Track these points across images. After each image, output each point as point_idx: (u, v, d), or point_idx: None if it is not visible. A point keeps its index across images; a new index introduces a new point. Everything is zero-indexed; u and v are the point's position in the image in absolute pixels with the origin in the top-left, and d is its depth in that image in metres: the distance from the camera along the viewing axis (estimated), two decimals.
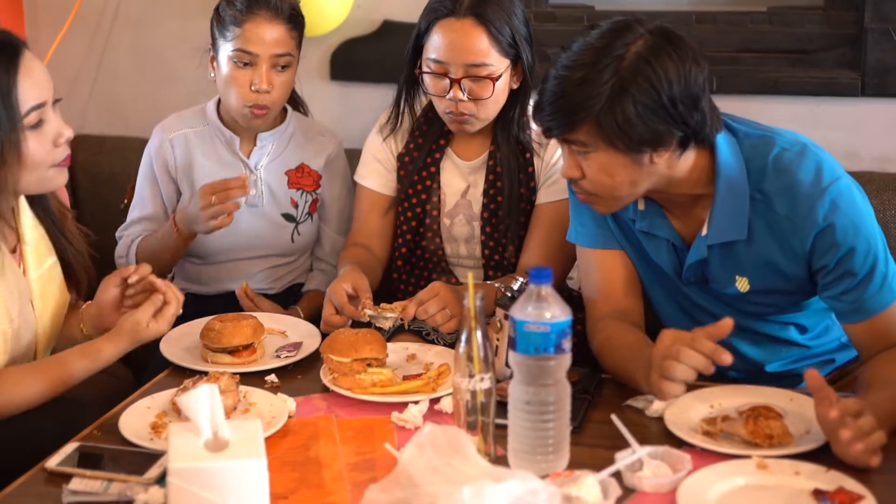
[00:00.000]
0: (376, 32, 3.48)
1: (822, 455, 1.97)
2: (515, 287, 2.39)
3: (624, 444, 2.01)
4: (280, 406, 2.24)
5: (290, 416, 2.23)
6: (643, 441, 2.02)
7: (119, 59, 3.79)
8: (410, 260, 2.92)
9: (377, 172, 2.90)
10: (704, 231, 2.29)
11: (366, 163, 2.93)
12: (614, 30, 2.17)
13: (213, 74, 2.93)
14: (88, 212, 3.69)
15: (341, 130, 3.21)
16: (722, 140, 2.24)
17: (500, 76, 2.65)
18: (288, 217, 3.03)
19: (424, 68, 2.70)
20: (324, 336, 2.49)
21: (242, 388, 2.30)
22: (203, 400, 1.97)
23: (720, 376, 2.24)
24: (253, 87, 2.83)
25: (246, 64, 2.83)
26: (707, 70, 2.17)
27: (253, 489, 1.90)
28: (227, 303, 2.90)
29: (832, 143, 3.20)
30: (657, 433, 2.12)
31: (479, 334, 1.98)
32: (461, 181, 2.85)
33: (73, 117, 3.75)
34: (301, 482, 2.00)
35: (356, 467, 2.05)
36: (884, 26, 3.12)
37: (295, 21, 2.88)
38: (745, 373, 2.42)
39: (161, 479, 1.95)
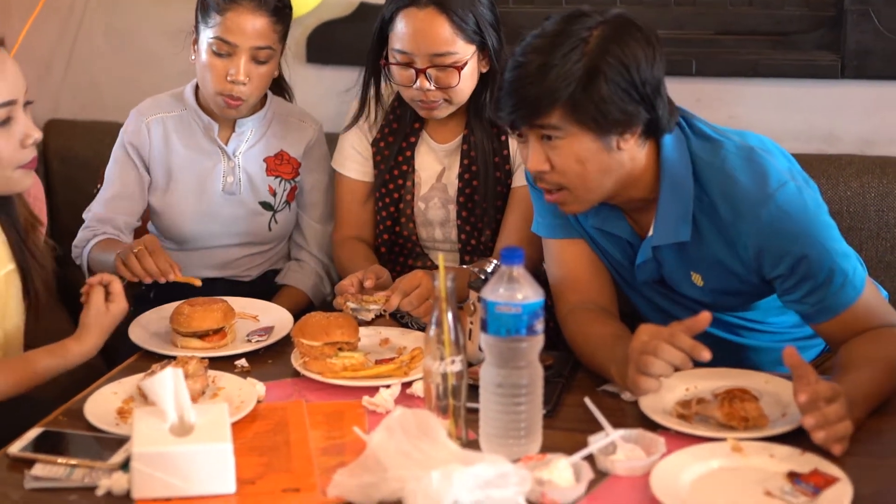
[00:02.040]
0: (353, 14, 3.44)
1: (798, 437, 1.94)
2: (489, 269, 2.36)
3: (598, 428, 1.98)
4: (249, 390, 2.20)
5: (259, 401, 2.20)
6: (618, 425, 1.99)
7: (93, 42, 3.74)
8: (388, 244, 2.88)
9: (356, 161, 2.87)
10: (651, 232, 2.26)
11: (342, 151, 2.89)
12: (569, 18, 2.14)
13: (193, 57, 2.87)
14: (62, 197, 3.66)
15: (318, 114, 3.17)
16: (669, 140, 2.21)
17: (465, 64, 2.62)
18: (265, 205, 2.98)
19: (390, 59, 2.67)
20: (297, 320, 2.45)
21: (211, 372, 2.27)
22: (167, 384, 1.94)
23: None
24: (229, 78, 2.76)
25: (223, 52, 2.77)
26: (664, 57, 2.16)
27: (219, 474, 1.88)
28: (202, 289, 2.85)
29: (812, 126, 3.21)
30: (632, 417, 2.09)
31: (449, 316, 1.95)
32: (436, 164, 2.82)
33: (46, 102, 3.75)
34: (269, 467, 1.97)
35: (325, 452, 2.01)
36: (863, 7, 3.09)
37: (280, 14, 2.81)
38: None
39: (125, 465, 1.91)
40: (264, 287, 3.01)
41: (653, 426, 2.03)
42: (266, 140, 2.97)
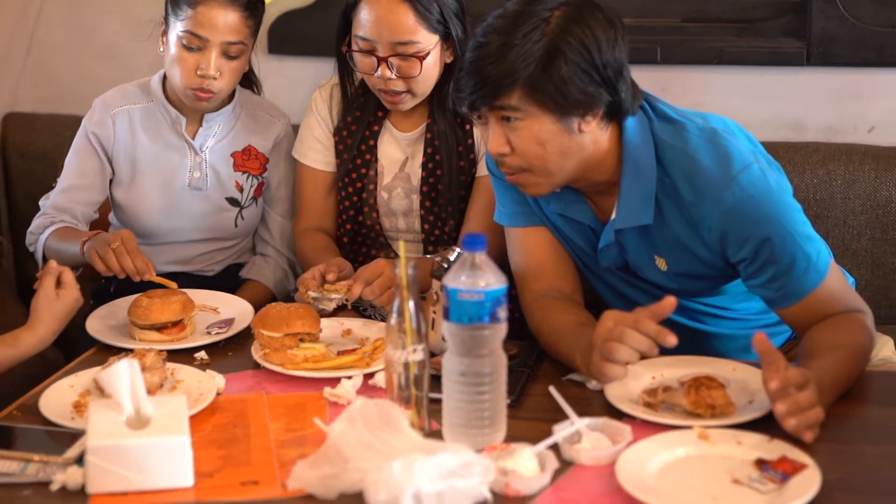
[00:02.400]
0: (314, 4, 3.39)
1: (765, 424, 1.92)
2: (452, 258, 2.31)
3: (563, 417, 1.95)
4: (208, 383, 2.17)
5: (218, 393, 2.16)
6: (583, 414, 1.96)
7: (52, 33, 3.67)
8: (351, 234, 2.84)
9: (316, 150, 2.83)
10: (613, 215, 2.24)
11: (304, 140, 2.85)
12: (528, 1, 2.12)
13: (161, 49, 2.81)
14: (21, 191, 3.60)
15: (280, 105, 3.12)
16: (632, 122, 2.19)
17: (428, 53, 2.59)
18: (232, 201, 2.93)
19: (353, 45, 2.63)
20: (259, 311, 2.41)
21: (170, 365, 2.23)
22: (123, 376, 1.91)
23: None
24: (199, 72, 2.70)
25: (194, 45, 2.71)
26: (628, 43, 2.14)
27: (176, 467, 1.84)
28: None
29: (778, 114, 3.19)
30: (598, 406, 2.06)
31: (411, 304, 1.91)
32: (399, 153, 2.78)
33: (4, 94, 3.69)
34: (227, 460, 1.93)
35: (286, 444, 1.98)
36: None
37: (252, 8, 2.75)
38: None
39: (81, 459, 1.87)
40: (227, 281, 2.95)
41: (619, 415, 2.00)
42: (234, 135, 2.92)
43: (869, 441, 1.94)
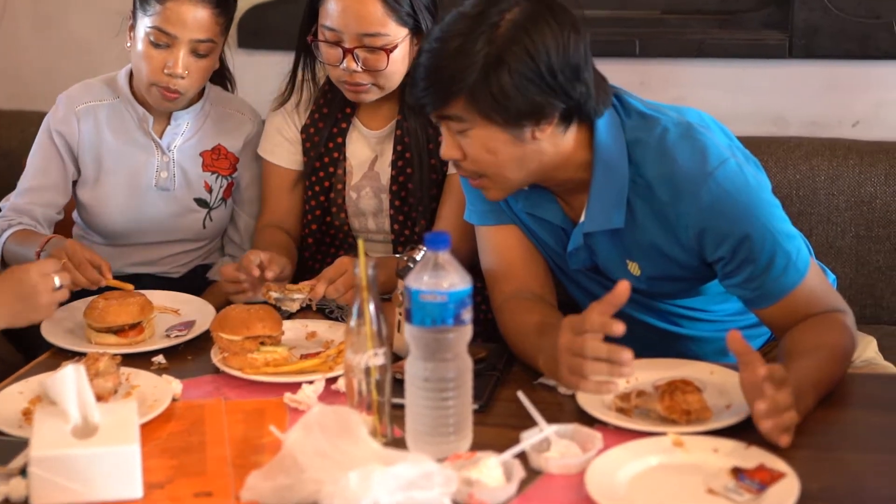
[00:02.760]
0: None
1: (743, 431, 1.84)
2: (418, 257, 2.23)
3: (532, 424, 1.88)
4: (164, 388, 2.08)
5: (175, 399, 2.07)
6: (554, 420, 1.88)
7: (19, 27, 3.60)
8: (317, 235, 2.75)
9: (283, 147, 2.73)
10: (582, 217, 2.15)
11: (270, 137, 2.75)
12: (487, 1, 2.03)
13: (129, 44, 2.72)
14: None
15: (250, 101, 3.03)
16: (603, 120, 2.10)
17: (396, 47, 2.49)
18: (200, 202, 2.83)
19: (319, 35, 2.54)
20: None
21: (126, 370, 2.14)
22: (69, 382, 1.82)
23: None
24: (166, 70, 2.61)
25: (162, 42, 2.61)
26: (588, 39, 2.04)
27: (124, 478, 1.76)
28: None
29: (760, 108, 3.13)
30: (570, 412, 1.98)
31: (371, 306, 1.83)
32: (368, 151, 2.69)
33: None
34: (180, 469, 1.84)
35: (243, 453, 1.89)
36: None
37: (223, 5, 2.66)
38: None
39: (25, 470, 1.78)
40: (194, 282, 2.86)
41: (590, 421, 1.92)
42: (203, 134, 2.82)
43: (851, 448, 1.87)
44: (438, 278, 1.78)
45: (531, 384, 2.09)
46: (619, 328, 1.85)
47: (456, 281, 1.78)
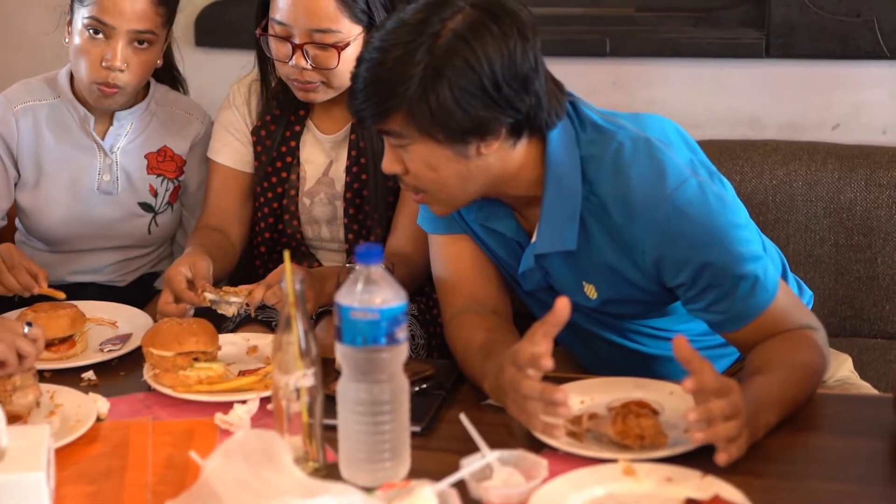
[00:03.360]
0: None
1: (700, 458, 1.71)
2: None
3: (477, 449, 1.74)
4: (88, 407, 1.95)
5: (100, 419, 1.95)
6: (501, 444, 1.75)
7: None
8: (269, 244, 2.62)
9: (230, 146, 2.60)
10: (533, 238, 2.03)
11: (218, 137, 2.62)
12: (432, 4, 1.88)
13: (67, 40, 2.60)
14: None
15: (208, 102, 2.91)
16: (556, 133, 1.96)
17: (348, 45, 2.36)
18: (145, 206, 2.71)
19: (269, 30, 2.42)
20: None
21: (50, 387, 2.02)
22: None
23: None
24: (104, 63, 2.49)
25: (99, 34, 2.50)
26: (539, 44, 1.89)
27: None
28: (71, 295, 2.58)
29: (736, 109, 3.03)
30: (519, 435, 1.85)
31: (299, 323, 1.70)
32: (323, 157, 2.56)
33: None
34: (95, 497, 1.72)
35: (164, 479, 1.77)
36: None
37: None
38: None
39: None
40: (141, 292, 2.74)
41: (539, 445, 1.80)
42: (147, 135, 2.70)
43: (815, 476, 1.73)
44: (370, 294, 1.66)
45: (479, 404, 1.97)
46: (546, 363, 1.74)
47: (389, 297, 1.66)
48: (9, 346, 1.93)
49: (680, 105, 3.01)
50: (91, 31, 2.50)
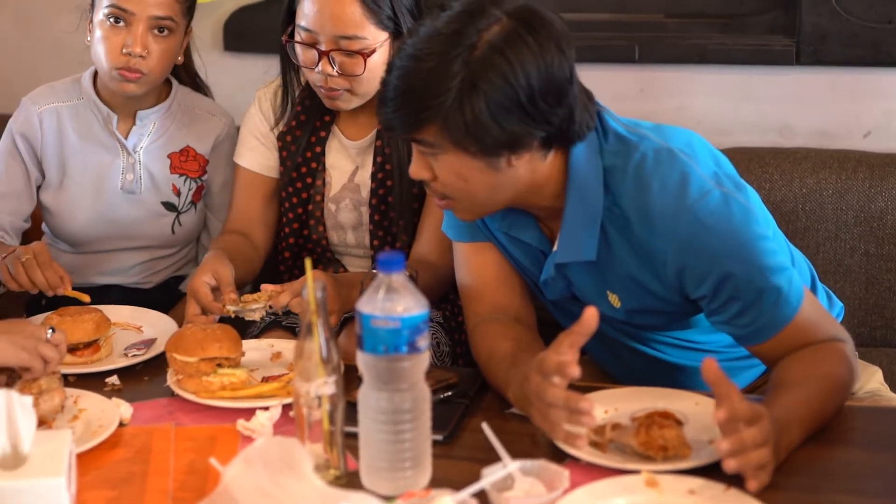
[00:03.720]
0: None
1: (723, 470, 1.68)
2: None
3: (499, 458, 1.73)
4: (111, 413, 1.95)
5: (123, 424, 1.95)
6: (524, 454, 1.74)
7: (2, 28, 3.50)
8: (294, 249, 2.61)
9: (255, 150, 2.60)
10: (555, 247, 2.01)
11: (244, 141, 2.62)
12: (467, 13, 1.86)
13: (89, 38, 2.62)
14: None
15: (236, 106, 2.91)
16: (580, 145, 1.94)
17: (374, 51, 2.36)
18: (168, 206, 2.72)
19: (295, 36, 2.41)
20: None
21: (75, 391, 2.02)
22: None
23: None
24: (125, 50, 2.51)
25: (118, 20, 2.52)
26: (574, 58, 1.88)
27: None
28: (96, 297, 2.59)
29: (765, 117, 3.00)
30: (543, 445, 1.84)
31: (321, 331, 1.70)
32: (349, 163, 2.56)
33: None
34: (115, 502, 1.72)
35: (185, 485, 1.77)
36: None
37: None
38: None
39: None
40: (166, 295, 2.75)
41: (562, 455, 1.78)
42: (170, 134, 2.71)
43: (840, 490, 1.71)
44: (392, 302, 1.65)
45: (503, 412, 1.96)
46: (573, 372, 1.73)
47: (411, 305, 1.65)
48: (31, 352, 1.93)
49: (709, 112, 2.99)
50: (112, 19, 2.52)
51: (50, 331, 1.97)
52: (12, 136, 2.70)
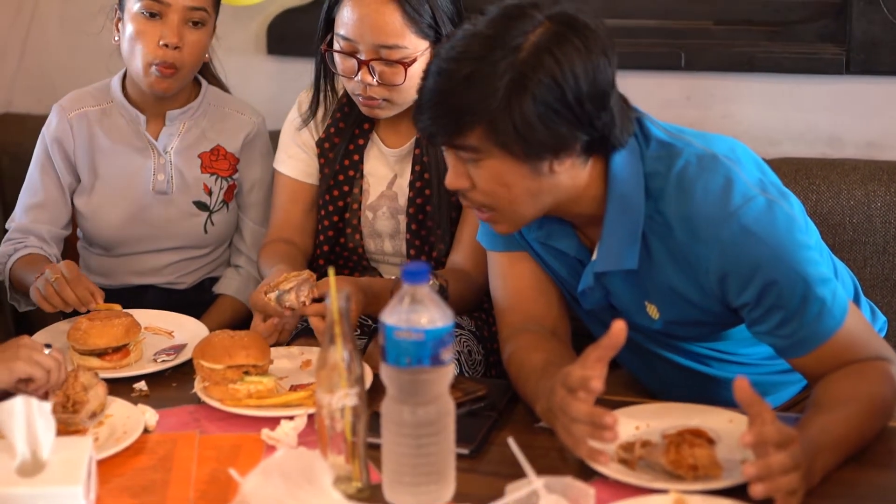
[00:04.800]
0: (316, 1, 3.17)
1: None
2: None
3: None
4: (136, 420, 1.94)
5: (148, 431, 1.93)
6: (552, 470, 1.70)
7: (48, 30, 3.49)
8: (330, 257, 2.59)
9: (297, 158, 2.57)
10: (594, 256, 1.97)
11: (284, 147, 2.60)
12: (507, 16, 1.83)
13: (117, 38, 2.62)
14: (12, 196, 3.40)
15: (278, 109, 2.89)
16: (620, 151, 1.91)
17: (415, 60, 2.32)
18: (200, 205, 2.71)
19: (334, 45, 2.39)
20: None
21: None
22: (17, 414, 1.68)
23: None
24: (161, 42, 2.51)
25: (154, 15, 2.52)
26: (616, 62, 1.85)
27: None
28: (131, 298, 2.59)
29: (813, 127, 2.93)
30: (572, 461, 1.80)
31: (343, 342, 1.67)
32: (387, 170, 2.53)
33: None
34: None
35: (206, 495, 1.75)
36: None
37: None
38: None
39: None
40: (200, 296, 2.74)
41: (589, 472, 1.74)
42: (200, 134, 2.71)
43: None
44: (416, 314, 1.62)
45: (532, 426, 1.92)
46: (597, 386, 1.69)
47: (436, 317, 1.62)
48: (28, 362, 1.91)
49: (756, 121, 2.92)
50: (146, 13, 2.53)
51: (46, 348, 1.94)
52: (45, 144, 2.73)
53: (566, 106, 1.80)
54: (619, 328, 1.69)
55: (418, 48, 2.34)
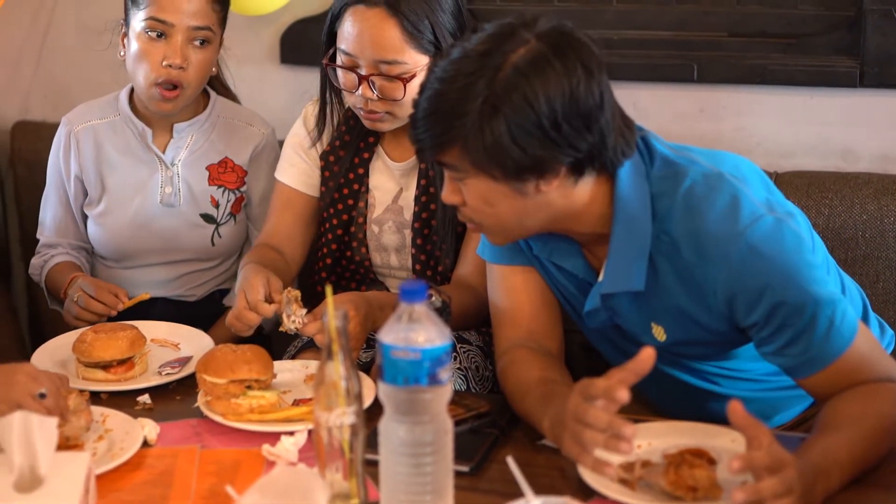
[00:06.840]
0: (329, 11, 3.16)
1: None
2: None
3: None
4: (136, 434, 1.94)
5: (149, 444, 1.93)
6: (552, 489, 1.70)
7: (64, 38, 3.50)
8: (335, 270, 2.58)
9: (298, 168, 2.56)
10: (600, 276, 1.95)
11: (286, 156, 2.59)
12: (496, 35, 1.82)
13: (122, 53, 2.62)
14: (28, 204, 3.43)
15: (292, 118, 2.86)
16: (625, 170, 1.89)
17: (414, 76, 2.31)
18: (207, 218, 2.71)
19: (337, 59, 2.38)
20: None
21: (104, 410, 2.01)
22: (15, 429, 1.68)
23: None
24: (165, 62, 2.51)
25: (159, 35, 2.52)
26: (606, 81, 1.82)
27: None
28: (141, 310, 2.58)
29: (826, 141, 2.90)
30: (572, 479, 1.79)
31: (341, 360, 1.66)
32: (392, 184, 2.52)
33: (14, 102, 3.53)
34: None
35: None
36: (885, 7, 2.75)
37: None
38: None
39: None
40: (211, 309, 2.74)
41: (588, 492, 1.73)
42: (208, 146, 2.71)
43: None
44: (413, 333, 1.60)
45: (534, 444, 1.91)
46: (623, 396, 1.67)
47: (433, 336, 1.60)
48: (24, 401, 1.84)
49: (769, 134, 2.89)
50: (150, 32, 2.52)
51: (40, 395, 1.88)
52: (57, 160, 2.75)
53: (540, 129, 1.78)
54: (647, 355, 1.67)
55: (418, 63, 2.33)
